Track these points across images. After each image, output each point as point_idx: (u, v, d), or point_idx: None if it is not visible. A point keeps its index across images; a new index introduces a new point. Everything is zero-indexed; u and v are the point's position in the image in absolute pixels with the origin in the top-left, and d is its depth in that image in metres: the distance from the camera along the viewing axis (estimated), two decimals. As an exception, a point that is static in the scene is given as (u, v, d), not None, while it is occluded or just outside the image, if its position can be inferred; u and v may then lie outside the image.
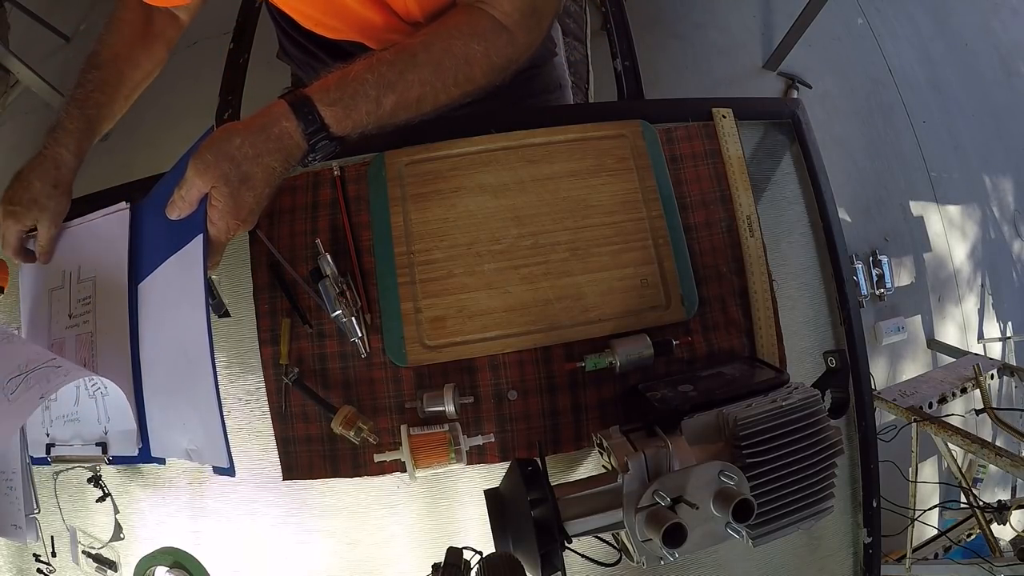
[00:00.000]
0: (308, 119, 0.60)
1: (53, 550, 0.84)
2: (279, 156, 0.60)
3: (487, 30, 0.66)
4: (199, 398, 0.64)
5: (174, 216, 0.61)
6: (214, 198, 0.59)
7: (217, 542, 0.81)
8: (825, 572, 0.85)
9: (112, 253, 0.76)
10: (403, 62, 0.63)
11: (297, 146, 0.61)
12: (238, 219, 0.61)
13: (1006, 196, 2.52)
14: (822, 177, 0.89)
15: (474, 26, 0.66)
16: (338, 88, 0.61)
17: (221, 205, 0.59)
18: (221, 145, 0.59)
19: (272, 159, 0.60)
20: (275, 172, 0.61)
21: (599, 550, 0.68)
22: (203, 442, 0.66)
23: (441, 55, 0.64)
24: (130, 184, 0.89)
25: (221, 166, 0.58)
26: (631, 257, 0.81)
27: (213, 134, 0.60)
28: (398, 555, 0.80)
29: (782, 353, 0.82)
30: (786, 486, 0.62)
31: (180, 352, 0.66)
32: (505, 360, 0.79)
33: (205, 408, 0.63)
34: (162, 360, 0.70)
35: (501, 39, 0.67)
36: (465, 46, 0.65)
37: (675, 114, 0.88)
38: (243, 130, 0.59)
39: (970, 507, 1.58)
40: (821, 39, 2.35)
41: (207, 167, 0.58)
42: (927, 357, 2.23)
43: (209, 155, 0.58)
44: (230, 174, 0.58)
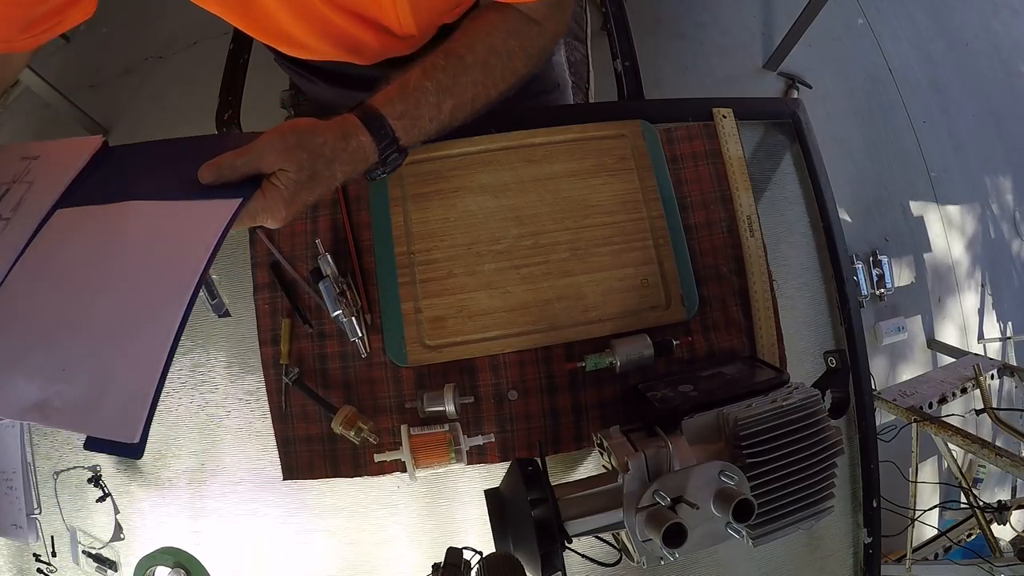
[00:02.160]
0: (381, 133, 0.60)
1: (53, 550, 0.84)
2: (350, 167, 0.60)
3: (519, 25, 0.68)
4: (126, 348, 0.50)
5: (208, 179, 0.56)
6: (279, 180, 0.57)
7: (217, 542, 0.81)
8: (825, 572, 0.85)
9: (58, 171, 0.62)
10: (454, 66, 0.64)
11: (368, 160, 0.61)
12: (288, 211, 0.59)
13: (1006, 196, 2.52)
14: (822, 177, 0.89)
15: (508, 23, 0.68)
16: (402, 100, 0.62)
17: (282, 190, 0.57)
18: (306, 136, 0.57)
19: (344, 168, 0.60)
20: (338, 180, 0.60)
21: (599, 550, 0.68)
22: (84, 400, 0.49)
23: (487, 54, 0.66)
24: (130, 184, 0.89)
25: (301, 154, 0.57)
26: (631, 257, 0.81)
27: (296, 122, 0.59)
28: (398, 555, 0.80)
29: (782, 353, 0.82)
30: (786, 486, 0.62)
31: (121, 290, 0.54)
32: (505, 360, 0.79)
33: (131, 363, 0.49)
34: (60, 290, 0.55)
35: (533, 31, 0.69)
36: (504, 42, 0.67)
37: (675, 114, 0.88)
38: (327, 131, 0.58)
39: (970, 507, 1.58)
40: (821, 39, 2.35)
41: (288, 149, 0.56)
42: (927, 357, 2.23)
43: (292, 138, 0.57)
44: (305, 165, 0.57)
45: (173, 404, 0.83)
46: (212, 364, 0.83)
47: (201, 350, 0.83)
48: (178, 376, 0.83)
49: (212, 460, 0.82)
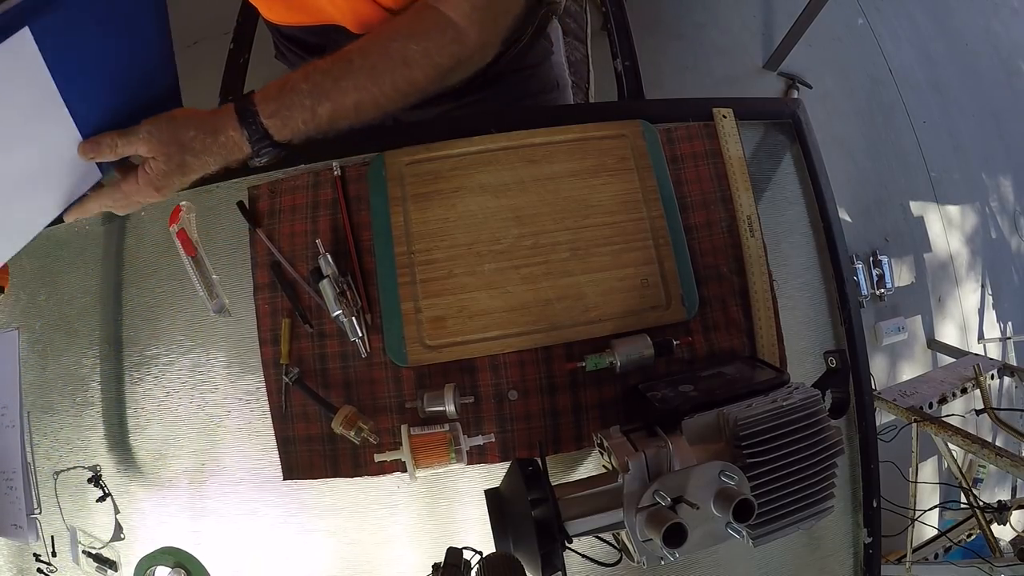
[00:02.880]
0: (252, 128, 0.63)
1: (53, 550, 0.84)
2: (220, 159, 0.64)
3: (431, 28, 0.64)
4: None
5: (87, 156, 0.61)
6: (149, 167, 0.62)
7: (217, 542, 0.81)
8: (825, 572, 0.85)
9: None
10: (338, 69, 0.63)
11: (241, 151, 0.64)
12: (156, 192, 0.64)
13: (1006, 196, 2.52)
14: (822, 177, 0.89)
15: (416, 26, 0.64)
16: (276, 99, 0.63)
17: (152, 176, 0.62)
18: (178, 129, 0.62)
19: (213, 159, 0.64)
20: (210, 168, 0.65)
21: (599, 550, 0.68)
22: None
23: (377, 59, 0.63)
24: (130, 184, 0.89)
25: (170, 147, 0.61)
26: (631, 257, 0.81)
27: (174, 113, 0.63)
28: (398, 555, 0.80)
29: (782, 353, 0.82)
30: (786, 486, 0.62)
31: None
32: (505, 360, 0.79)
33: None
34: None
35: (446, 37, 0.64)
36: (403, 47, 0.63)
37: (675, 114, 0.88)
38: (198, 124, 0.62)
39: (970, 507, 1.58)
40: (821, 39, 2.35)
41: (160, 142, 0.61)
42: (927, 357, 2.23)
43: (167, 131, 0.61)
44: (173, 157, 0.62)
45: (173, 404, 0.83)
46: (212, 364, 0.83)
47: (201, 350, 0.83)
48: (178, 376, 0.83)
49: (212, 460, 0.82)
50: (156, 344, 0.84)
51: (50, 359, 0.87)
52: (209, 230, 0.85)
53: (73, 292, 0.88)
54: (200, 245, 0.83)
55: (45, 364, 0.87)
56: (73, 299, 0.87)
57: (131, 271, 0.87)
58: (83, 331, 0.86)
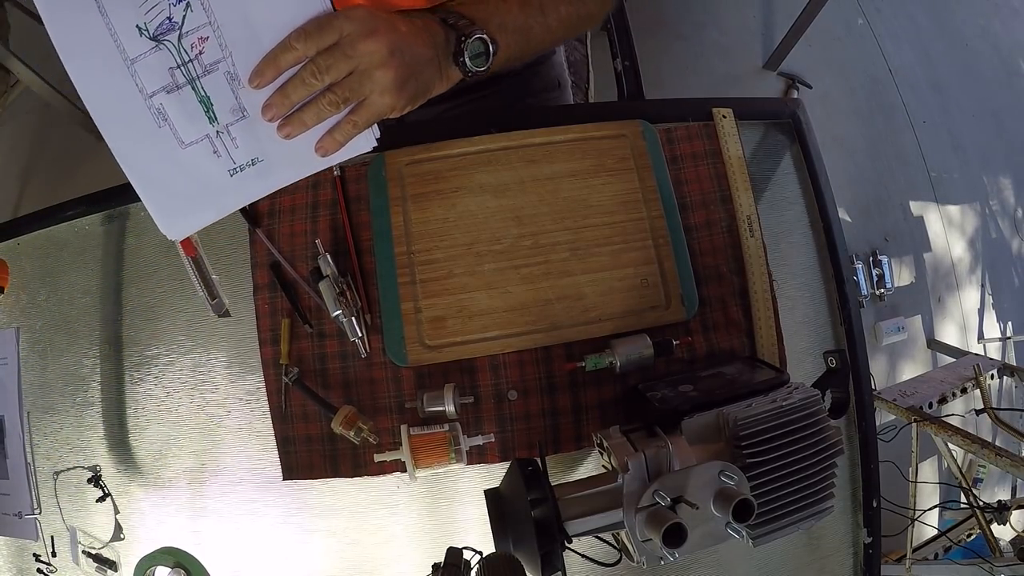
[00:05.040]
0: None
1: (53, 550, 0.84)
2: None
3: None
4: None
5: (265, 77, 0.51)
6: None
7: (217, 542, 0.81)
8: (825, 572, 0.85)
9: None
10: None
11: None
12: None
13: (1006, 196, 2.52)
14: (822, 177, 0.89)
15: None
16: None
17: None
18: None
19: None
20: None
21: (599, 550, 0.68)
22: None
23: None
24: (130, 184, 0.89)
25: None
26: (631, 257, 0.81)
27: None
28: (398, 555, 0.80)
29: (782, 353, 0.82)
30: (786, 486, 0.62)
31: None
32: (505, 360, 0.79)
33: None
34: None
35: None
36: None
37: (675, 114, 0.88)
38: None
39: (970, 507, 1.58)
40: (821, 39, 2.35)
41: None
42: (927, 357, 2.23)
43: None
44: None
45: (173, 404, 0.83)
46: (212, 364, 0.83)
47: (201, 350, 0.83)
48: (178, 376, 0.83)
49: (212, 460, 0.82)
50: (156, 344, 0.84)
51: (50, 359, 0.87)
52: (209, 230, 0.84)
53: (73, 292, 0.88)
54: (200, 245, 0.83)
55: (45, 364, 0.87)
56: (73, 299, 0.87)
57: (131, 271, 0.87)
58: (83, 331, 0.86)
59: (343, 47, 0.50)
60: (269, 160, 0.56)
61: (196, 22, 0.48)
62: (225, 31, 0.49)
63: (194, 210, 0.58)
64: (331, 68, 0.50)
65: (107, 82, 0.50)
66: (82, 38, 0.47)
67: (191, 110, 0.52)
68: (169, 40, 0.48)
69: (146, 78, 0.50)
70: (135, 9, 0.46)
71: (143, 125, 0.51)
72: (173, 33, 0.48)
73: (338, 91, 0.52)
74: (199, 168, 0.55)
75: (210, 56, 0.50)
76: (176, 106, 0.51)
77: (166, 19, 0.47)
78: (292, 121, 0.52)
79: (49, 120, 2.19)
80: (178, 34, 0.48)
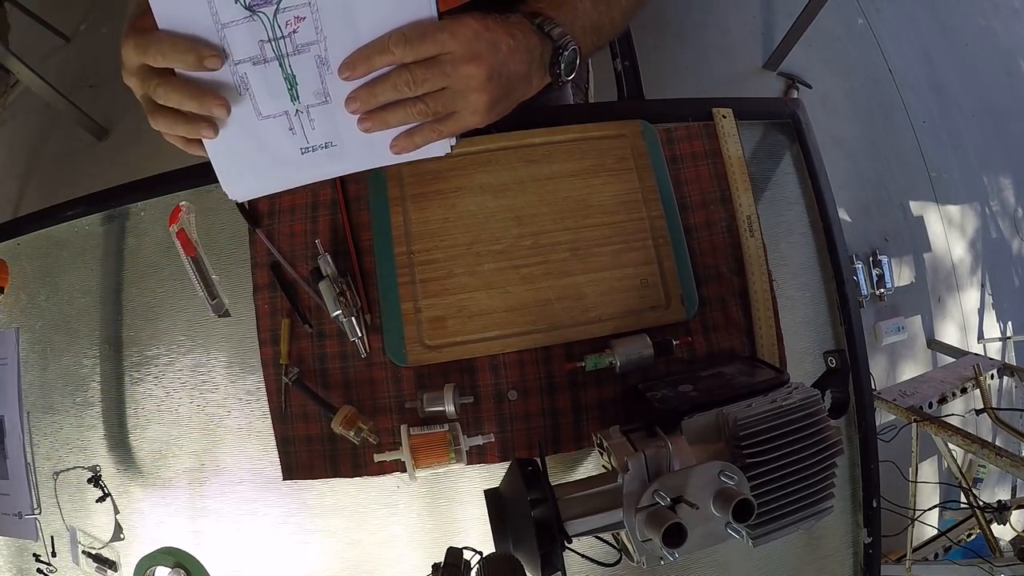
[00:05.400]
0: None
1: (53, 550, 0.84)
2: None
3: None
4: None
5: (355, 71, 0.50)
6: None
7: (217, 542, 0.81)
8: (825, 572, 0.85)
9: None
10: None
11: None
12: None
13: (1006, 196, 2.52)
14: (822, 177, 0.88)
15: None
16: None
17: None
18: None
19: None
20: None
21: (599, 550, 0.68)
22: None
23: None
24: (130, 184, 0.89)
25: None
26: (631, 257, 0.81)
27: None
28: (398, 555, 0.80)
29: (782, 353, 0.82)
30: (786, 486, 0.62)
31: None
32: (505, 360, 0.79)
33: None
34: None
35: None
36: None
37: (675, 114, 0.88)
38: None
39: (970, 507, 1.58)
40: (821, 39, 2.35)
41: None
42: (927, 357, 2.23)
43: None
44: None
45: (173, 404, 0.83)
46: (212, 364, 0.83)
47: (201, 350, 0.83)
48: (178, 376, 0.83)
49: (212, 460, 0.82)
50: (156, 344, 0.84)
51: (50, 359, 0.87)
52: (209, 230, 0.85)
53: (73, 292, 0.88)
54: (200, 245, 0.83)
55: (45, 364, 0.87)
56: (73, 299, 0.87)
57: (131, 271, 0.87)
58: (83, 331, 0.86)
59: (443, 65, 0.50)
60: (342, 146, 0.56)
61: (295, 0, 0.48)
62: (323, 15, 0.48)
63: (259, 178, 0.58)
64: (426, 83, 0.50)
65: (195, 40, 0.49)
66: (178, 1, 0.46)
67: (275, 85, 0.52)
68: (264, 13, 0.48)
69: (235, 45, 0.49)
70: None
71: (223, 90, 0.51)
72: (270, 7, 0.47)
73: (429, 103, 0.51)
74: (271, 141, 0.55)
75: (303, 37, 0.49)
76: (260, 79, 0.51)
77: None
78: (374, 118, 0.52)
79: (49, 120, 2.19)
80: (275, 9, 0.48)
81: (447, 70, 0.50)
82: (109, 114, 2.17)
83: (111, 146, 2.16)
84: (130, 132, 2.16)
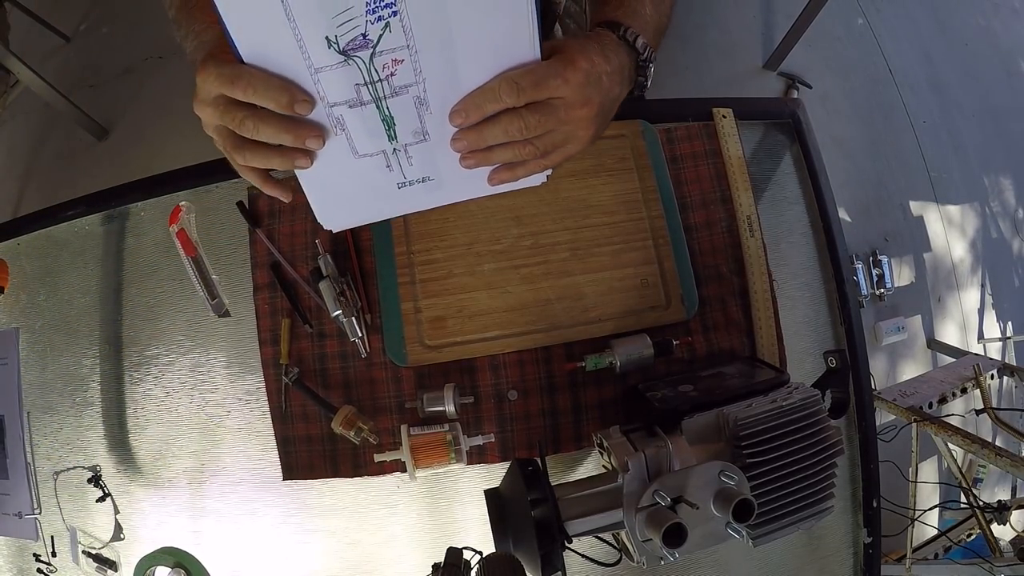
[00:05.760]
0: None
1: (53, 550, 0.84)
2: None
3: None
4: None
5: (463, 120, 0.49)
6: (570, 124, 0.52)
7: (217, 542, 0.81)
8: (825, 572, 0.85)
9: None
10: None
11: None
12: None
13: (1006, 196, 2.52)
14: (822, 177, 0.88)
15: None
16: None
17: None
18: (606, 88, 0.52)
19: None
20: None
21: (599, 550, 0.68)
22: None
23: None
24: (130, 184, 0.89)
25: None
26: (631, 257, 0.81)
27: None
28: (398, 555, 0.80)
29: (782, 353, 0.82)
30: (786, 486, 0.62)
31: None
32: (505, 360, 0.79)
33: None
34: None
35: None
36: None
37: (675, 114, 0.88)
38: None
39: (970, 507, 1.58)
40: (821, 39, 2.35)
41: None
42: (927, 357, 2.23)
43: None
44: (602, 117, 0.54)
45: (173, 404, 0.83)
46: (212, 364, 0.83)
47: (201, 350, 0.83)
48: (178, 376, 0.83)
49: (212, 460, 0.82)
50: (156, 344, 0.84)
51: (50, 359, 0.87)
52: (209, 230, 0.85)
53: (73, 292, 0.88)
54: (200, 245, 0.83)
55: (45, 364, 0.87)
56: (73, 299, 0.87)
57: (131, 271, 0.87)
58: (83, 331, 0.86)
59: (556, 111, 0.49)
60: (439, 180, 0.56)
61: (392, 44, 0.46)
62: (422, 57, 0.47)
63: (354, 210, 0.59)
64: (538, 127, 0.49)
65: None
66: (265, 41, 0.45)
67: (372, 127, 0.51)
68: (360, 57, 0.46)
69: (329, 89, 0.47)
70: (327, 20, 0.44)
71: (317, 126, 0.50)
72: (365, 51, 0.46)
73: (539, 144, 0.51)
74: (367, 177, 0.55)
75: (402, 79, 0.48)
76: (357, 120, 0.50)
77: (360, 35, 0.45)
78: (478, 157, 0.51)
79: (49, 120, 2.19)
80: (371, 52, 0.46)
81: (560, 116, 0.49)
82: (109, 114, 2.17)
83: (111, 146, 2.16)
84: (130, 132, 2.16)
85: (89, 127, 2.12)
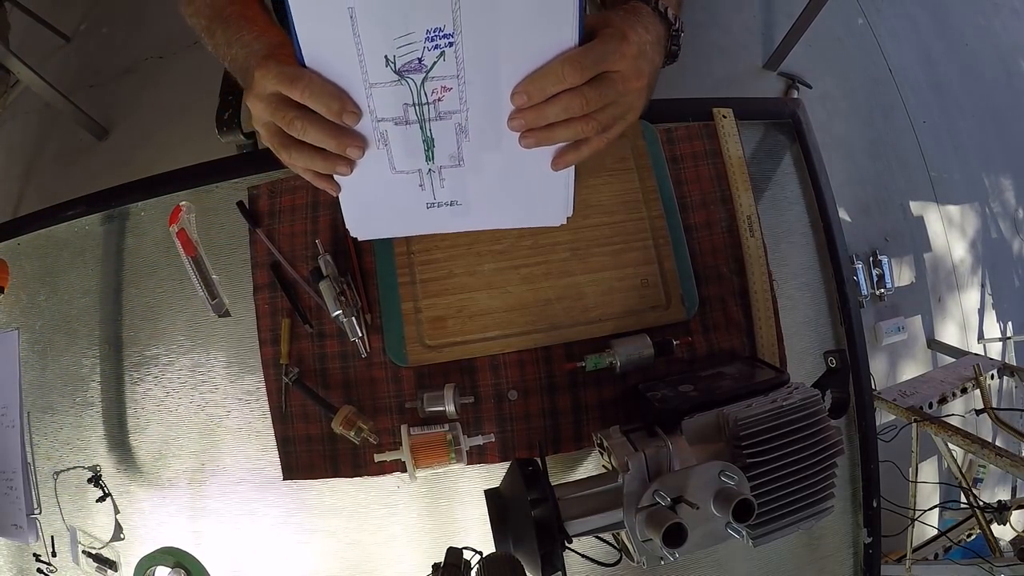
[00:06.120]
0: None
1: (53, 550, 0.84)
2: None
3: None
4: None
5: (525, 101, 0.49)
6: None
7: (217, 542, 0.81)
8: (825, 572, 0.85)
9: None
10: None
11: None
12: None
13: (1006, 196, 2.52)
14: (822, 177, 0.88)
15: None
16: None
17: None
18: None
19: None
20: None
21: (599, 550, 0.68)
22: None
23: None
24: (130, 184, 0.89)
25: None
26: (631, 257, 0.81)
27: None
28: (398, 555, 0.80)
29: (782, 353, 0.82)
30: (786, 486, 0.62)
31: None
32: (505, 360, 0.79)
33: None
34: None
35: None
36: None
37: (675, 114, 0.88)
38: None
39: (970, 507, 1.58)
40: (821, 39, 2.35)
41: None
42: (927, 357, 2.23)
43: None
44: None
45: (173, 404, 0.83)
46: (212, 364, 0.83)
47: (201, 350, 0.83)
48: (178, 376, 0.83)
49: (212, 460, 0.82)
50: (156, 344, 0.84)
51: (50, 359, 0.87)
52: (209, 230, 0.85)
53: (73, 292, 0.88)
54: (200, 245, 0.83)
55: (45, 364, 0.87)
56: (73, 299, 0.87)
57: (131, 271, 0.87)
58: (83, 331, 0.86)
59: (616, 85, 0.50)
60: (467, 206, 0.60)
61: (444, 72, 0.48)
62: (469, 88, 0.50)
63: (381, 223, 0.63)
64: (599, 101, 0.50)
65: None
66: (329, 50, 0.47)
67: (412, 146, 0.54)
68: (413, 79, 0.49)
69: (379, 104, 0.50)
70: (389, 40, 0.46)
71: (361, 137, 0.52)
72: (419, 74, 0.49)
73: (600, 118, 0.51)
74: (400, 193, 0.58)
75: (447, 106, 0.51)
76: (399, 137, 0.53)
77: (416, 59, 0.47)
78: (538, 135, 0.51)
79: (49, 120, 2.19)
80: (423, 76, 0.49)
81: (619, 88, 0.50)
82: (109, 114, 2.17)
83: (111, 146, 2.16)
84: (130, 132, 2.16)
85: (89, 127, 2.12)
